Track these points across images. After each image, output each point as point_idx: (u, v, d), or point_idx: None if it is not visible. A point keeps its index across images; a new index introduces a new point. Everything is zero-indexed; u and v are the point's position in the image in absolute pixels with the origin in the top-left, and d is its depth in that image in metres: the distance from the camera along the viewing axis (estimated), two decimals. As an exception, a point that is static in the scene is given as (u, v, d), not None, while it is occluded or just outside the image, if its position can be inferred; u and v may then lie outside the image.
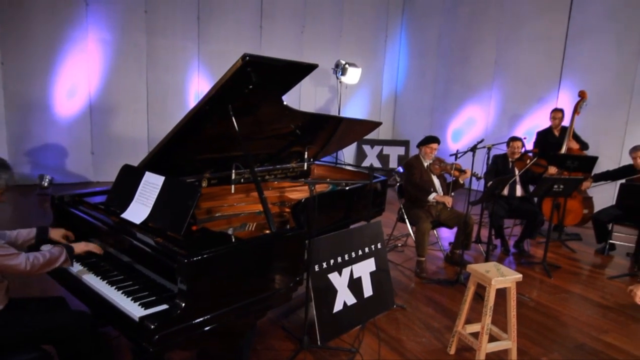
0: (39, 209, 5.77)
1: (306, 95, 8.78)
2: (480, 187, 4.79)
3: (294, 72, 2.54)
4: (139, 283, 2.07)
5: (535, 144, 5.96)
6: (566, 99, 6.78)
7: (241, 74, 2.18)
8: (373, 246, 3.34)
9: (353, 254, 3.16)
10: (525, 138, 5.07)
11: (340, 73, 8.03)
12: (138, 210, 2.29)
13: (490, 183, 4.22)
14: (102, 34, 6.94)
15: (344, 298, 3.04)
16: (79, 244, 2.18)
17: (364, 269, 3.24)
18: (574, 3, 6.78)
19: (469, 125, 8.55)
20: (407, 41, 9.83)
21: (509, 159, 4.95)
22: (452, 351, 2.90)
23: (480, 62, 8.21)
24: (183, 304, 1.81)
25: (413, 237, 4.47)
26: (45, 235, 2.32)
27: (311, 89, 8.83)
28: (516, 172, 4.80)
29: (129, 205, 2.35)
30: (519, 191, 4.94)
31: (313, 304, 2.81)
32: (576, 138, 5.60)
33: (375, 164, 8.90)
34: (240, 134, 2.54)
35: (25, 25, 6.39)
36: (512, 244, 5.11)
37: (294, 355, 2.72)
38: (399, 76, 10.05)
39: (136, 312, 1.82)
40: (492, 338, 2.75)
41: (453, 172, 4.33)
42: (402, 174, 4.73)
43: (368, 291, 3.22)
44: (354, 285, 3.13)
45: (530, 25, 7.37)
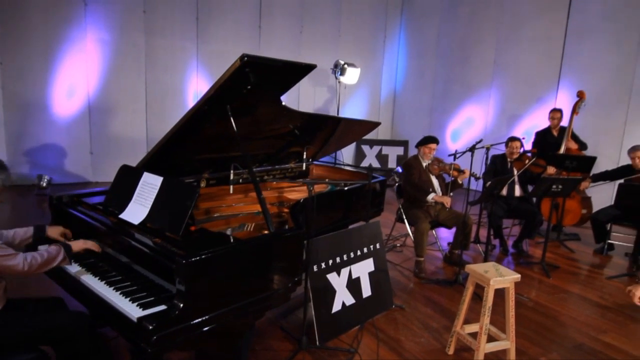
0: (37, 209, 5.76)
1: (305, 95, 8.79)
2: (479, 187, 4.79)
3: (292, 73, 2.53)
4: (137, 284, 2.07)
5: (534, 144, 5.97)
6: (565, 99, 6.78)
7: (239, 74, 2.18)
8: (372, 246, 3.34)
9: (352, 254, 3.16)
10: (524, 138, 5.08)
11: (339, 73, 8.04)
12: (136, 211, 2.29)
13: (489, 183, 4.23)
14: (101, 34, 6.94)
15: (343, 298, 3.04)
16: (76, 242, 2.17)
17: (363, 269, 3.24)
18: (573, 3, 6.79)
19: (467, 125, 8.55)
20: (406, 41, 9.83)
21: (508, 159, 4.95)
22: (451, 351, 2.90)
23: (480, 62, 8.21)
24: (181, 305, 1.81)
25: (412, 237, 4.47)
26: (43, 234, 2.31)
27: (310, 89, 8.83)
28: (515, 172, 4.80)
29: (127, 205, 2.35)
30: (517, 191, 4.94)
31: (312, 305, 2.81)
32: (575, 138, 5.61)
33: (374, 164, 8.90)
34: (239, 134, 2.54)
35: (23, 25, 6.39)
36: (511, 244, 5.11)
37: (293, 355, 2.72)
38: (397, 76, 10.05)
39: (134, 313, 1.82)
40: (491, 338, 2.75)
41: (452, 172, 4.33)
42: (401, 174, 4.73)
43: (367, 291, 3.23)
44: (353, 285, 3.13)
45: (529, 25, 7.37)
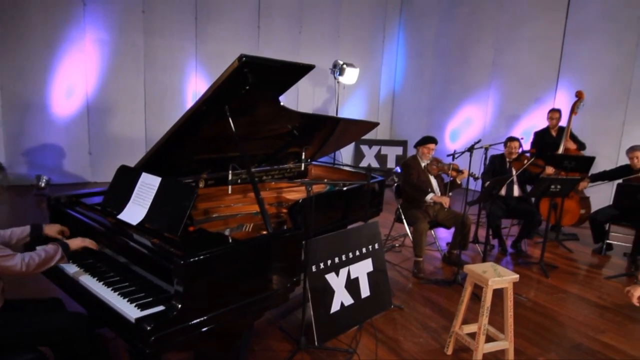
0: (36, 210, 5.75)
1: (304, 95, 8.78)
2: (477, 187, 4.79)
3: (291, 73, 2.53)
4: (135, 284, 2.07)
5: (532, 144, 5.97)
6: (563, 99, 6.79)
7: (238, 74, 2.18)
8: (370, 246, 3.34)
9: (350, 255, 3.16)
10: (523, 138, 5.08)
11: (338, 73, 8.03)
12: (135, 211, 2.29)
13: (488, 183, 4.23)
14: (100, 34, 6.93)
15: (341, 298, 3.04)
16: (74, 240, 2.17)
17: (362, 270, 3.24)
18: (571, 3, 6.80)
19: (466, 126, 8.55)
20: (405, 41, 9.83)
21: (507, 159, 4.95)
22: (450, 351, 2.90)
23: (478, 62, 8.22)
24: (180, 305, 1.81)
25: (410, 238, 4.47)
26: (40, 232, 2.30)
27: (309, 89, 8.83)
28: (513, 172, 4.81)
29: (125, 206, 2.35)
30: (516, 191, 4.95)
31: (310, 305, 2.81)
32: (573, 138, 5.61)
33: (373, 164, 8.90)
34: (237, 134, 2.54)
35: (22, 25, 6.38)
36: (510, 244, 5.11)
37: (292, 355, 2.72)
38: (396, 76, 10.06)
39: (133, 314, 1.82)
40: (489, 338, 2.76)
41: (450, 173, 4.33)
42: (400, 174, 4.73)
43: (365, 292, 3.22)
44: (352, 285, 3.13)
45: (528, 25, 7.38)
